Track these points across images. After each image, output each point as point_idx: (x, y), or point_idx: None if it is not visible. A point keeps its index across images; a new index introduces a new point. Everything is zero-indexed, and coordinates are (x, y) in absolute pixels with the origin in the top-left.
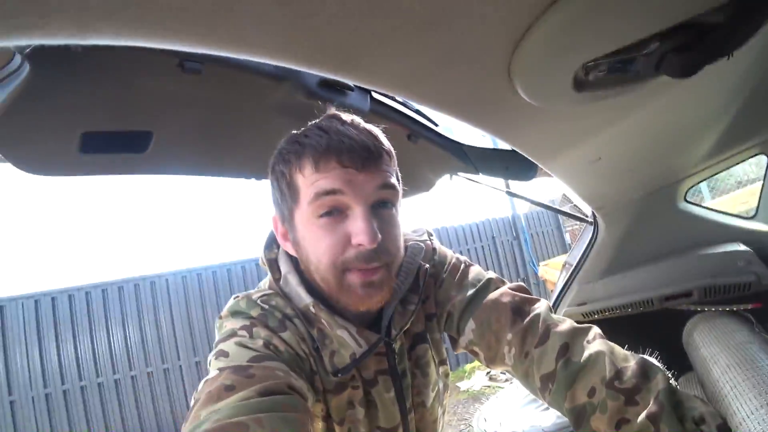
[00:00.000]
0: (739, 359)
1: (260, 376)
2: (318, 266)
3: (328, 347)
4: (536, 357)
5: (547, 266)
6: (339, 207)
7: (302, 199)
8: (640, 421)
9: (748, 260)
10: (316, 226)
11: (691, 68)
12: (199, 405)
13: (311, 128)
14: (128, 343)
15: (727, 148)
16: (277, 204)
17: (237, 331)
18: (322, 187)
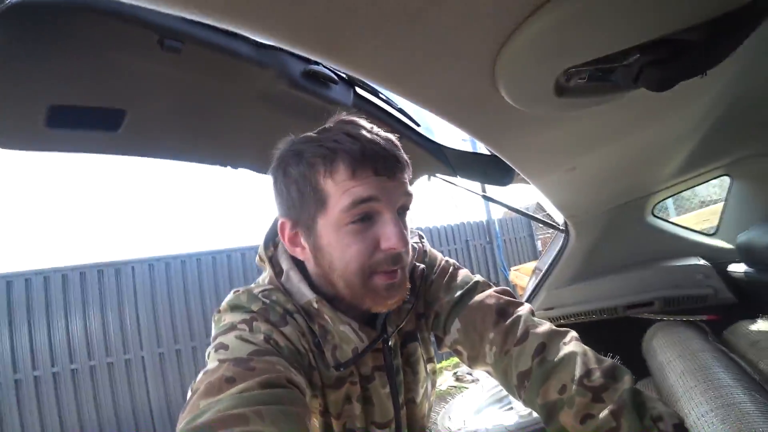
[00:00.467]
0: (693, 366)
1: (261, 369)
2: (345, 271)
3: (330, 342)
4: (515, 355)
5: (518, 271)
6: (371, 213)
7: (332, 205)
8: (603, 417)
9: (707, 274)
10: (344, 232)
11: (667, 82)
12: (198, 395)
13: (338, 133)
14: (105, 329)
15: (694, 166)
16: (292, 208)
17: (237, 325)
18: (359, 195)
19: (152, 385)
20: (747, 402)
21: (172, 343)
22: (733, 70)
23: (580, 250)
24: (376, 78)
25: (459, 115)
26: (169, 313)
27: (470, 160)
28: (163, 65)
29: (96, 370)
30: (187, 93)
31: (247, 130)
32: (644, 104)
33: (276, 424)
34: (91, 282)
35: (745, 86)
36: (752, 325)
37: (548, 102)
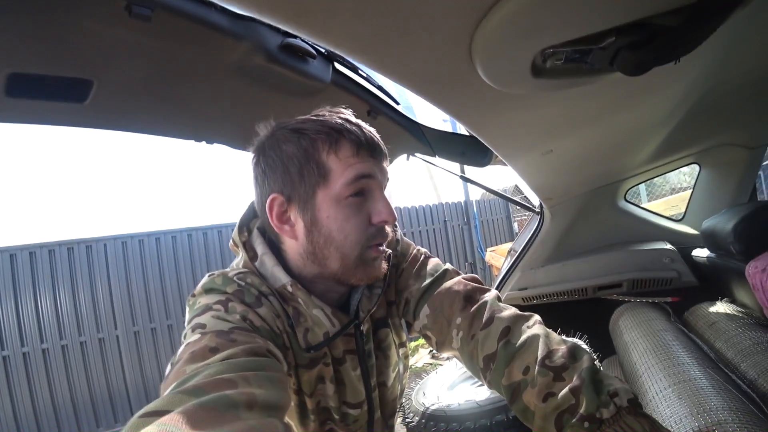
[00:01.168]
0: (655, 345)
1: (242, 341)
2: (344, 242)
3: (303, 325)
4: (481, 339)
5: (494, 252)
6: (366, 189)
7: (334, 179)
8: (563, 394)
9: (672, 258)
10: (344, 205)
11: (642, 66)
12: (182, 362)
13: (335, 117)
14: (78, 308)
15: (666, 154)
16: (288, 183)
17: (212, 306)
18: (361, 170)
19: (127, 364)
20: (702, 379)
21: (147, 322)
22: (706, 62)
23: (554, 233)
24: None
25: (436, 92)
26: (144, 291)
27: (449, 140)
28: (133, 33)
29: (68, 349)
30: (159, 64)
31: (222, 104)
32: (620, 91)
33: (263, 388)
34: (60, 260)
35: (717, 78)
36: (711, 308)
37: (525, 82)
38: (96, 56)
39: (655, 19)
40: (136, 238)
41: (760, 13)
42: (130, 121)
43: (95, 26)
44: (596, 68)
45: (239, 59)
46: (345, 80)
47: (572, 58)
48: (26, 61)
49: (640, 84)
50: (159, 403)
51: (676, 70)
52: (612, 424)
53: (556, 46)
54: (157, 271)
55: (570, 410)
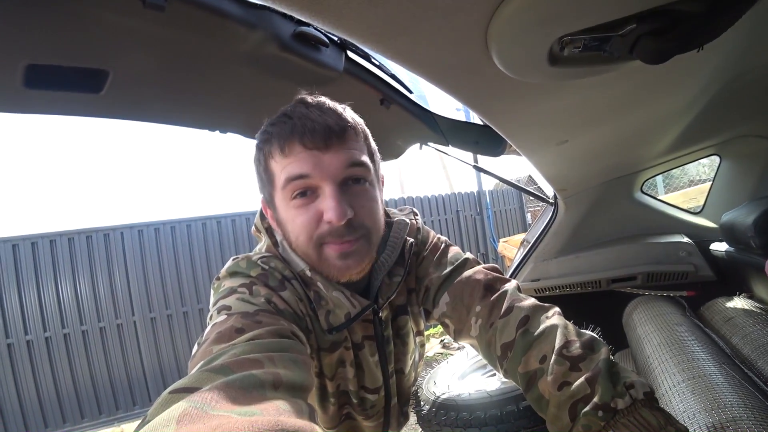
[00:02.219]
0: (669, 339)
1: (267, 322)
2: (297, 242)
3: (324, 308)
4: (499, 327)
5: (506, 243)
6: (309, 188)
7: (277, 183)
8: (578, 384)
9: (690, 251)
10: (290, 206)
11: (663, 55)
12: (209, 342)
13: (279, 116)
14: (96, 295)
15: (685, 145)
16: (261, 188)
17: (237, 289)
18: (290, 172)
19: (144, 349)
20: (717, 374)
21: (164, 309)
22: (729, 50)
23: (568, 224)
24: (364, 39)
25: (450, 81)
26: (160, 278)
27: (463, 129)
28: (147, 23)
29: (88, 335)
30: (172, 53)
31: (235, 93)
32: (638, 80)
33: (288, 369)
34: (80, 248)
35: (740, 67)
36: (729, 303)
37: (541, 71)
38: (111, 47)
39: (677, 6)
40: (151, 227)
41: None
42: (144, 110)
43: (110, 17)
44: (615, 57)
45: (252, 48)
46: (358, 69)
47: (590, 46)
48: (43, 52)
49: (659, 73)
50: (188, 380)
51: (698, 58)
52: (626, 415)
53: (575, 33)
54: (173, 259)
55: (584, 399)
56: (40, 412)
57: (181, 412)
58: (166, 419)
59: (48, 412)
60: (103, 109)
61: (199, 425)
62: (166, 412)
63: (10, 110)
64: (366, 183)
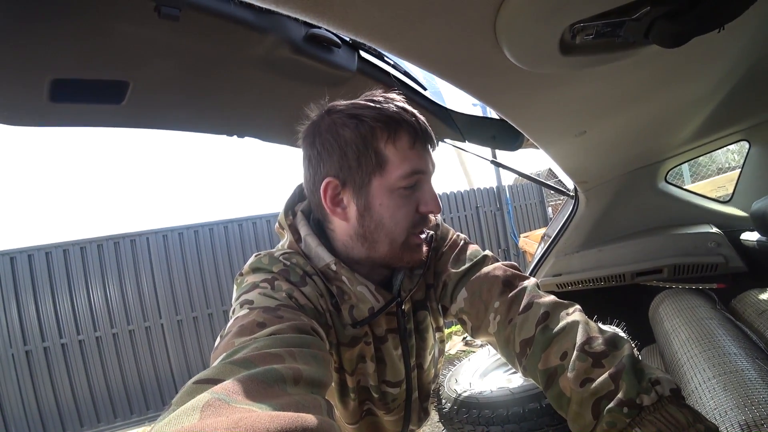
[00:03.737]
0: (699, 333)
1: (288, 317)
2: (395, 229)
3: (347, 302)
4: (519, 323)
5: (527, 238)
6: (418, 183)
7: (391, 170)
8: (602, 380)
9: (719, 242)
10: (398, 195)
11: (681, 37)
12: (231, 335)
13: (392, 106)
14: (125, 299)
15: (711, 131)
16: (345, 167)
17: (259, 284)
18: (417, 165)
19: (172, 350)
20: (750, 370)
21: (189, 311)
22: (754, 28)
23: (590, 217)
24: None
25: (461, 76)
26: (185, 281)
27: (479, 124)
28: (163, 33)
29: (118, 337)
30: (189, 61)
31: (251, 97)
32: (657, 65)
33: (308, 364)
34: (108, 254)
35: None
36: (762, 294)
37: (553, 61)
38: (129, 58)
39: None
40: (175, 232)
41: None
42: (164, 119)
43: (127, 28)
44: (630, 42)
45: (266, 52)
46: (371, 68)
47: (603, 32)
48: (66, 66)
49: (679, 57)
50: (211, 371)
51: (721, 38)
52: (653, 412)
53: (586, 20)
54: (197, 262)
55: (608, 396)
56: (76, 412)
57: (205, 402)
58: (190, 408)
59: (83, 411)
60: (125, 120)
61: (222, 417)
62: (191, 401)
63: (37, 124)
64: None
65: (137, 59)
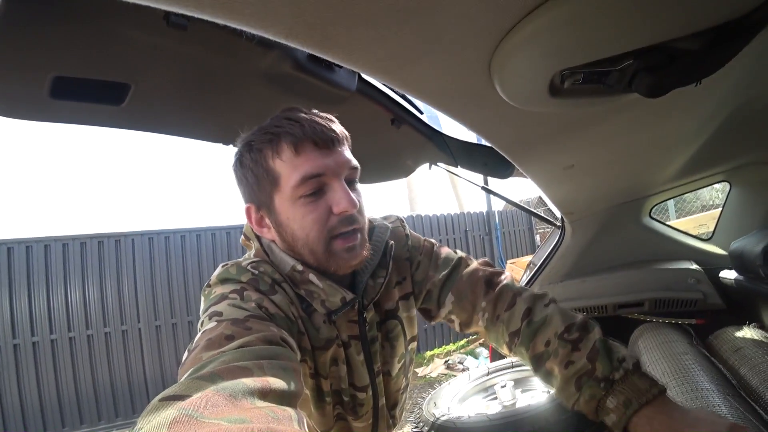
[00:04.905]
0: (675, 368)
1: (257, 329)
2: (307, 239)
3: (318, 298)
4: (506, 319)
5: (514, 264)
6: (320, 186)
7: (284, 182)
8: (582, 362)
9: (698, 279)
10: (300, 205)
11: (661, 89)
12: (199, 349)
13: (279, 120)
14: (104, 300)
15: (694, 171)
16: (251, 191)
17: (228, 295)
18: (306, 171)
19: (148, 357)
20: (721, 406)
21: (169, 317)
22: (734, 80)
23: (575, 248)
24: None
25: (455, 108)
26: (167, 286)
27: (472, 150)
28: (169, 40)
29: (93, 339)
30: (192, 70)
31: (250, 109)
32: (643, 109)
33: (277, 377)
34: (91, 252)
35: (748, 95)
36: (738, 332)
37: (542, 101)
38: (134, 62)
39: (675, 43)
40: (162, 235)
41: None
42: (163, 123)
43: (135, 34)
44: (614, 89)
45: (268, 67)
46: (370, 89)
47: (590, 78)
48: (69, 65)
49: (663, 102)
50: (177, 388)
51: (702, 88)
52: (622, 383)
53: (574, 67)
54: (181, 268)
55: (587, 374)
56: (41, 415)
57: (172, 419)
58: (156, 426)
59: (48, 416)
60: (124, 121)
61: None
62: (157, 419)
63: (36, 118)
64: (357, 184)
65: (141, 64)
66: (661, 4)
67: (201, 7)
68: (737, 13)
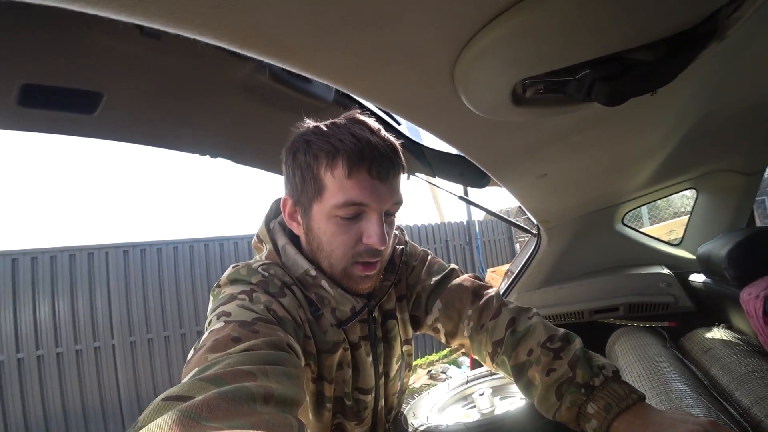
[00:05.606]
0: (649, 370)
1: (264, 332)
2: (330, 254)
3: (329, 305)
4: (490, 328)
5: (494, 273)
6: (359, 213)
7: (328, 197)
8: (563, 369)
9: (669, 283)
10: (334, 223)
11: (618, 97)
12: (205, 350)
13: (343, 131)
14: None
15: (663, 179)
16: (295, 189)
17: (237, 296)
18: (352, 197)
19: (122, 374)
20: (694, 406)
21: (144, 332)
22: (694, 91)
23: (551, 255)
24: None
25: (423, 118)
26: (143, 301)
27: (448, 161)
28: (143, 49)
29: (63, 357)
30: (167, 79)
31: (227, 119)
32: (612, 118)
33: (280, 383)
34: (61, 266)
35: (711, 106)
36: (707, 333)
37: (506, 110)
38: (107, 70)
39: (629, 54)
40: (138, 248)
41: (749, 45)
42: (136, 133)
43: (107, 42)
44: (575, 98)
45: (245, 77)
46: (347, 99)
47: (551, 88)
48: (39, 73)
49: (629, 114)
50: (181, 388)
51: (664, 98)
52: (601, 390)
53: (534, 77)
54: (157, 281)
55: (568, 381)
56: None
57: (173, 420)
58: (158, 426)
59: None
60: (95, 130)
61: None
62: (158, 419)
63: (3, 127)
64: (395, 216)
65: (115, 73)
66: (613, 17)
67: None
68: (684, 26)
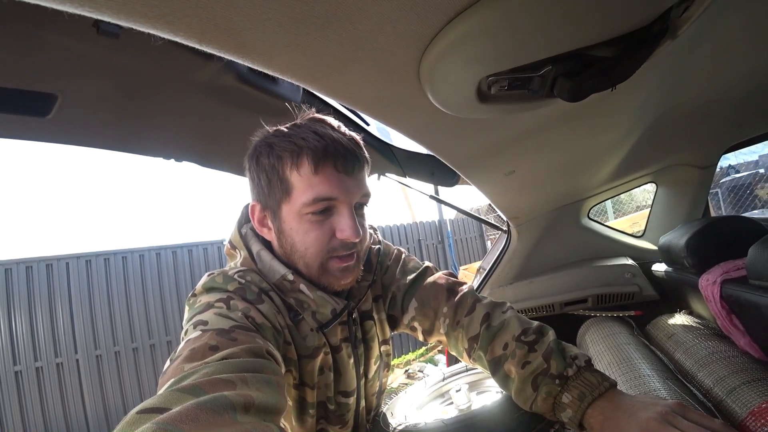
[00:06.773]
0: (619, 358)
1: (242, 340)
2: (305, 253)
3: (309, 309)
4: (465, 324)
5: (466, 270)
6: (329, 208)
7: (296, 196)
8: (537, 361)
9: (634, 273)
10: (306, 220)
11: (579, 93)
12: (181, 359)
13: (305, 130)
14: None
15: (625, 174)
16: (262, 193)
17: (214, 304)
18: (320, 192)
19: (87, 390)
20: (661, 390)
21: (111, 345)
22: (653, 88)
23: (522, 251)
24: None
25: (390, 116)
26: (108, 312)
27: (418, 160)
28: (100, 49)
29: (22, 376)
30: (126, 80)
31: (192, 122)
32: (575, 116)
33: (261, 391)
34: (18, 280)
35: (668, 103)
36: (670, 320)
37: (471, 107)
38: (61, 71)
39: (588, 51)
40: (101, 257)
41: (700, 44)
42: (94, 136)
43: (61, 41)
44: (539, 94)
45: (209, 78)
46: (316, 101)
47: (515, 85)
48: None
49: (588, 110)
50: (157, 400)
51: (624, 96)
52: (575, 379)
53: (498, 73)
54: (123, 291)
55: (543, 372)
56: None
57: None
58: None
59: None
60: (50, 134)
61: None
62: None
63: None
64: (365, 209)
65: (69, 73)
66: (570, 14)
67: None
68: (638, 24)
